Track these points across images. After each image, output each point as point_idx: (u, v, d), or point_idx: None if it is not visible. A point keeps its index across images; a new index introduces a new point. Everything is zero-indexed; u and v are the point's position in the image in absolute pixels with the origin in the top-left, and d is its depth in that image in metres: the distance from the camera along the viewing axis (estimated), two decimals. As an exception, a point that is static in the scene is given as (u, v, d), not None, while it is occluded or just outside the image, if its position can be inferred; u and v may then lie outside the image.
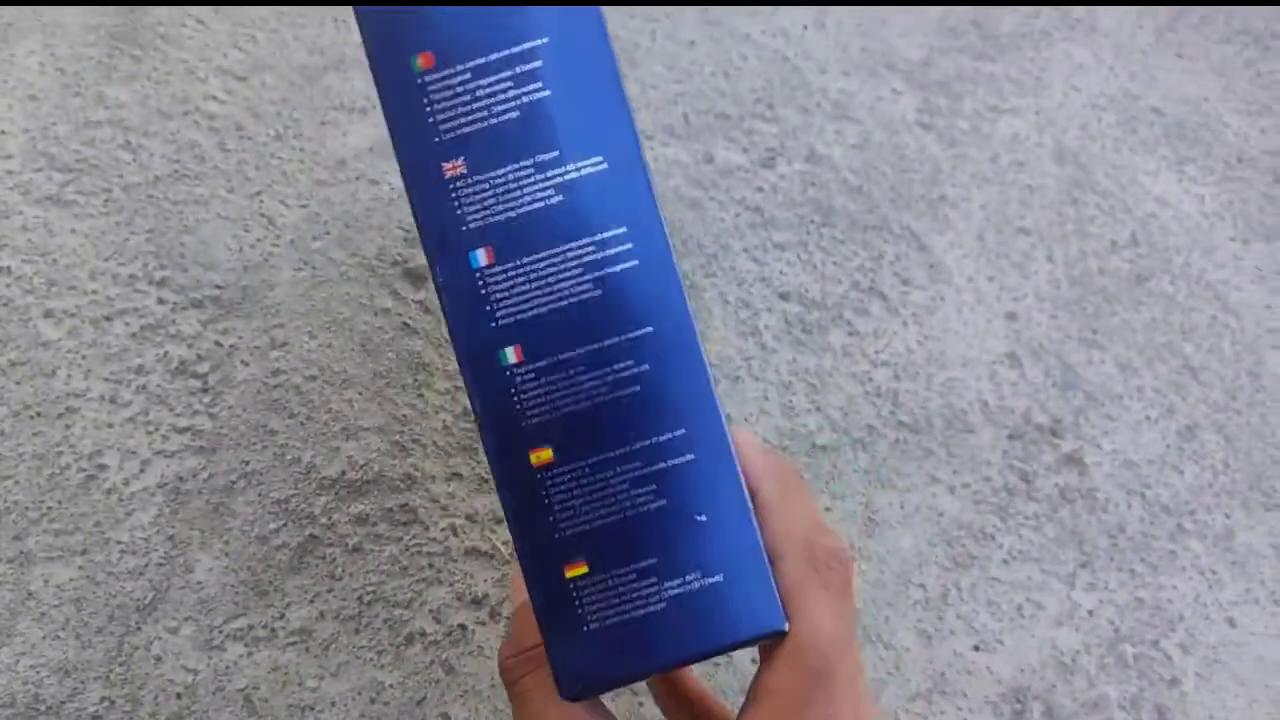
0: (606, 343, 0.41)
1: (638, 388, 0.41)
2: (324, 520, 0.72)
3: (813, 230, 0.87)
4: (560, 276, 0.41)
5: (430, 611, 0.71)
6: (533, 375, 0.40)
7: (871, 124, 0.92)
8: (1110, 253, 0.90)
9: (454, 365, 0.77)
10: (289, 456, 0.73)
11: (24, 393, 0.72)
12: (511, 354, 0.40)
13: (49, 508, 0.70)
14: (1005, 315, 0.86)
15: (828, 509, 0.79)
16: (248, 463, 0.72)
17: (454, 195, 0.41)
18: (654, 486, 0.40)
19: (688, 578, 0.40)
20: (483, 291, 0.41)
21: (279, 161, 0.81)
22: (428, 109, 0.41)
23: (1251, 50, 1.00)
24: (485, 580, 0.72)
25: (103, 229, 0.77)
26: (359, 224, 0.80)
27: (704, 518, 0.41)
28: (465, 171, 0.41)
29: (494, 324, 0.41)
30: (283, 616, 0.70)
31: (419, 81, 0.41)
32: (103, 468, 0.71)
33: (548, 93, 0.41)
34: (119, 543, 0.70)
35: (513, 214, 0.40)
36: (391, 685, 0.70)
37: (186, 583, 0.69)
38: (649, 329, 0.41)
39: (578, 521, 0.41)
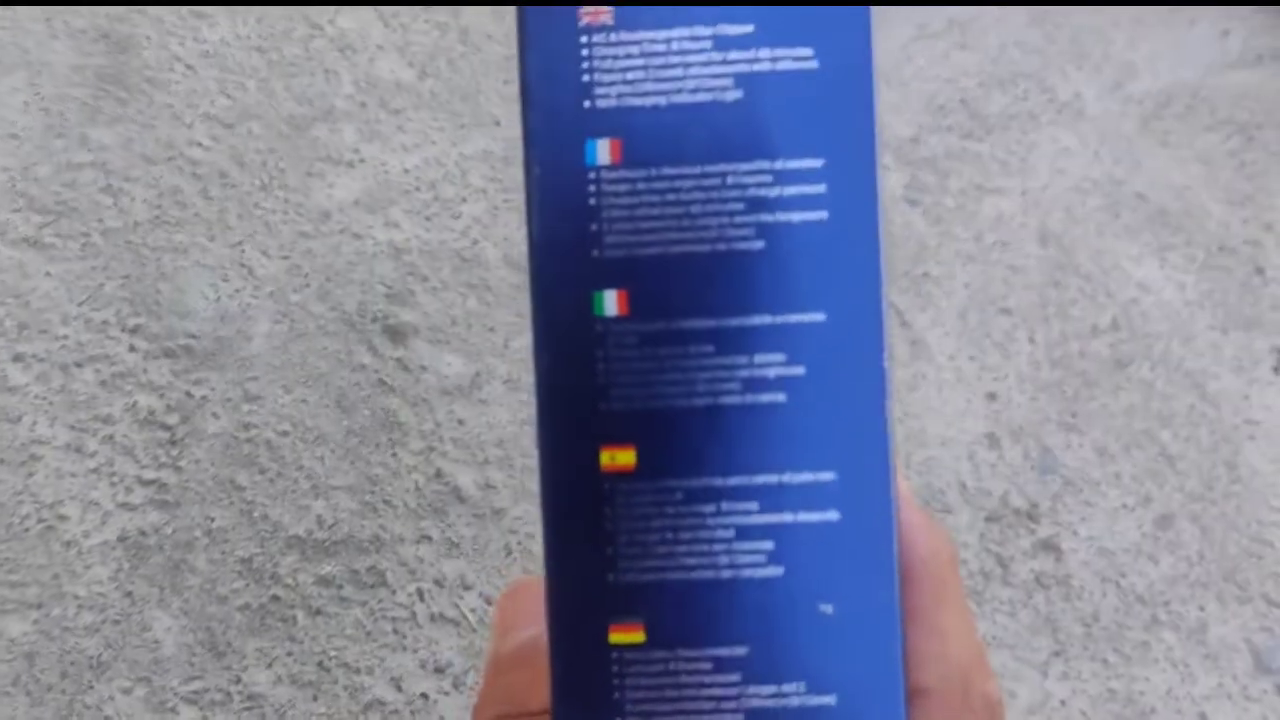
0: (754, 320, 0.29)
1: (782, 396, 0.29)
2: (288, 581, 0.70)
3: (796, 302, 0.87)
4: (711, 207, 0.28)
5: (392, 679, 0.70)
6: (635, 340, 0.29)
7: (858, 198, 0.92)
8: (1091, 336, 0.90)
9: (429, 425, 0.76)
10: (255, 514, 0.72)
11: (-13, 437, 0.71)
12: (612, 301, 0.29)
13: (6, 558, 0.68)
14: (985, 395, 0.86)
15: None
16: (212, 519, 0.71)
17: (586, 54, 0.29)
18: (770, 545, 0.28)
19: (785, 687, 0.29)
20: (592, 202, 0.29)
21: (262, 211, 0.81)
22: None
23: (1235, 140, 1.01)
24: (451, 648, 0.71)
25: (78, 273, 0.76)
26: (340, 278, 0.79)
27: (831, 609, 0.29)
28: (611, 22, 0.29)
29: (597, 252, 0.29)
30: (239, 680, 0.68)
31: None
32: (63, 518, 0.69)
33: None
34: (76, 597, 0.68)
35: (662, 101, 0.29)
36: (349, 754, 0.69)
37: (143, 641, 0.68)
38: (820, 316, 0.29)
39: (647, 565, 0.29)
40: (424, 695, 0.70)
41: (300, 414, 0.75)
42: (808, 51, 0.28)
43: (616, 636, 0.28)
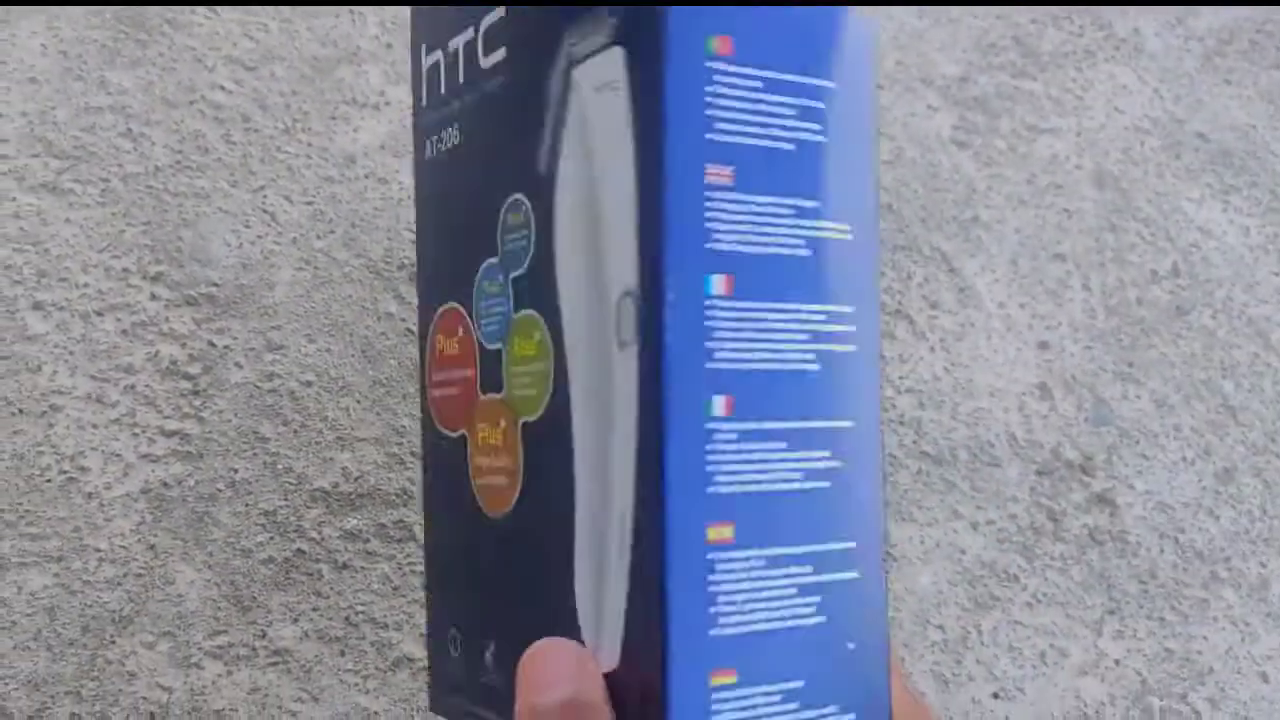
0: (813, 424, 0.36)
1: (827, 485, 0.36)
2: (313, 534, 0.68)
3: (838, 248, 0.83)
4: (788, 336, 0.36)
5: (421, 635, 0.68)
6: (735, 436, 0.35)
7: (904, 140, 0.88)
8: (1150, 283, 0.86)
9: (458, 376, 0.73)
10: (280, 466, 0.70)
11: (6, 388, 0.69)
12: (720, 405, 0.35)
13: (26, 510, 0.67)
14: (1037, 345, 0.82)
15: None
16: (236, 471, 0.69)
17: (709, 206, 0.35)
18: (819, 599, 0.36)
19: (826, 711, 0.36)
20: (707, 324, 0.35)
21: (285, 156, 0.78)
22: (709, 99, 0.35)
23: (1303, 77, 0.96)
24: (480, 604, 0.69)
25: (98, 220, 0.74)
26: (366, 224, 0.77)
27: (854, 646, 0.36)
28: (731, 184, 0.35)
29: (709, 364, 0.35)
30: (264, 635, 0.66)
31: (707, 65, 0.35)
32: (84, 470, 0.68)
33: (824, 139, 0.36)
34: (97, 550, 0.66)
35: (759, 250, 0.36)
36: (377, 712, 0.67)
37: (166, 595, 0.66)
38: (850, 423, 0.37)
39: (739, 622, 0.35)
40: (453, 652, 0.68)
41: (324, 364, 0.72)
42: (845, 226, 0.37)
43: (716, 680, 0.35)
